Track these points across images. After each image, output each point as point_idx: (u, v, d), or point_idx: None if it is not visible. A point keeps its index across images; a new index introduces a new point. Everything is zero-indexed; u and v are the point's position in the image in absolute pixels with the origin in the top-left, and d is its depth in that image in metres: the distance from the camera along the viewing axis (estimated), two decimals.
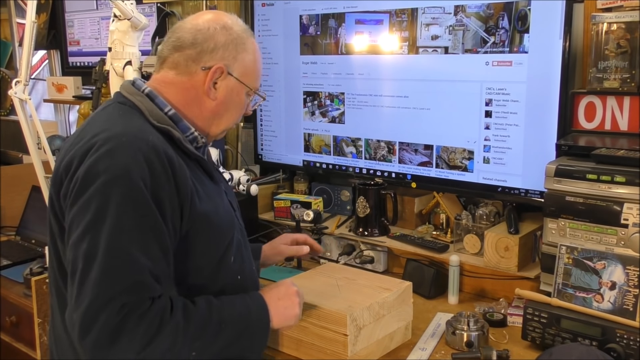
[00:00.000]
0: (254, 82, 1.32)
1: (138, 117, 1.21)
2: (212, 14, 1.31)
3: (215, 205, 1.25)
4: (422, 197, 2.15)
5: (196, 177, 1.22)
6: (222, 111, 1.29)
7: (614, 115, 1.70)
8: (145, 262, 1.07)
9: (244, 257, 1.33)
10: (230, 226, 1.29)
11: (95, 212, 1.07)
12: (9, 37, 3.75)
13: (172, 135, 1.20)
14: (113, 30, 1.89)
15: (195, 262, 1.21)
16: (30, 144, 1.92)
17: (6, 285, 2.27)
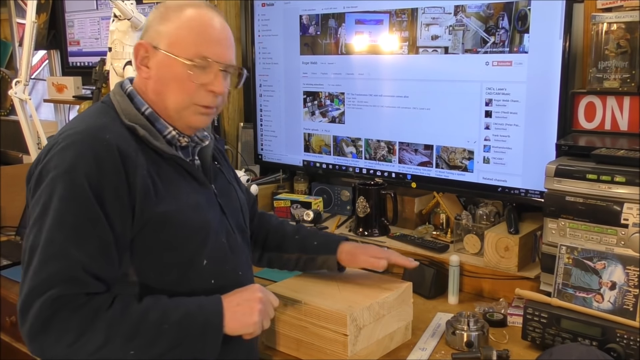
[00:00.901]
0: (192, 49, 1.20)
1: (110, 116, 1.22)
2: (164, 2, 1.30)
3: (179, 205, 1.21)
4: (422, 197, 2.15)
5: (164, 176, 1.21)
6: (161, 88, 1.23)
7: (614, 115, 1.70)
8: (80, 258, 1.09)
9: (226, 260, 1.30)
10: (201, 228, 1.24)
11: (42, 206, 1.12)
12: (9, 37, 3.75)
13: (137, 132, 1.20)
14: (113, 30, 1.89)
15: (157, 261, 1.19)
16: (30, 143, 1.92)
17: (6, 285, 2.28)
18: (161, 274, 1.20)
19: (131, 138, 1.19)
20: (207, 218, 1.26)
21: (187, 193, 1.24)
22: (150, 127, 1.23)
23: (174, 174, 1.23)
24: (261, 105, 2.44)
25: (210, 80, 1.22)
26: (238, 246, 1.36)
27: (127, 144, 1.17)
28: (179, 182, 1.24)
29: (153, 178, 1.18)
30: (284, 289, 1.52)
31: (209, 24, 1.23)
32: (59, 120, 3.59)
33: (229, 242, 1.32)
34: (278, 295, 1.48)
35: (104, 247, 1.12)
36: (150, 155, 1.20)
